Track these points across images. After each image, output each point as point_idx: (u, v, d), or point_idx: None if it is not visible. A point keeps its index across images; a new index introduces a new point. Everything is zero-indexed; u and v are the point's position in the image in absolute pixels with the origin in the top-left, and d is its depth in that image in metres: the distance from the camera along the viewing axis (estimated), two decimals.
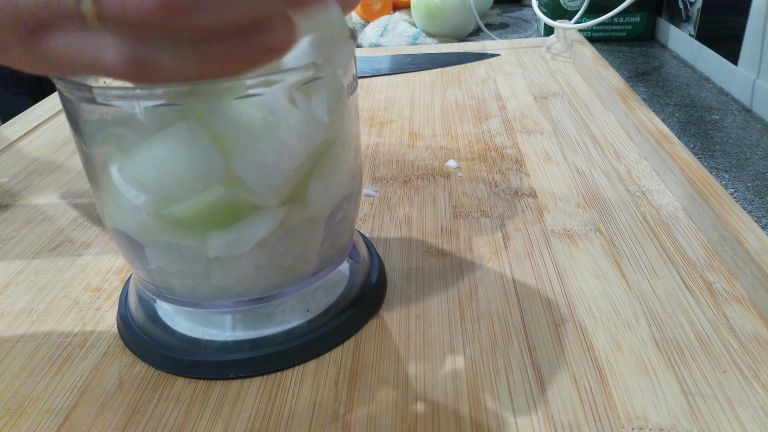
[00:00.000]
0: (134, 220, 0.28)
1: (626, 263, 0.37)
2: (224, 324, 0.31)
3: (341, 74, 0.28)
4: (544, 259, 0.37)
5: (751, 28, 0.60)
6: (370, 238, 0.41)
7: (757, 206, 0.44)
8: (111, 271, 0.39)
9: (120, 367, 0.31)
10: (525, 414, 0.27)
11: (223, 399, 0.29)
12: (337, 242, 0.32)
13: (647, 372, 0.29)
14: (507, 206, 0.43)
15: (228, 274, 0.29)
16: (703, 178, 0.40)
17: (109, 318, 0.35)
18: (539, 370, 0.29)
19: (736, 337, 0.31)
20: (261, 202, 0.27)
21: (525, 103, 0.61)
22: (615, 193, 0.44)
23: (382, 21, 0.93)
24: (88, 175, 0.29)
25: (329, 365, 0.31)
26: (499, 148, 0.52)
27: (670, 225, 0.40)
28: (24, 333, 0.34)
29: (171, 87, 0.24)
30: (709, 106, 0.62)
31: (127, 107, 0.25)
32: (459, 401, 0.28)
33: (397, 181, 0.48)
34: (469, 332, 0.32)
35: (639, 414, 0.27)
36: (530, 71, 0.71)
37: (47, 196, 0.49)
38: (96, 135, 0.27)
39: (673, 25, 0.79)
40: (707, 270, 0.36)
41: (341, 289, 0.33)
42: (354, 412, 0.28)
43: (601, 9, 0.81)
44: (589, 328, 0.32)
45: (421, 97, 0.65)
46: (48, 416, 0.29)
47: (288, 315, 0.31)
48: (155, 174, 0.26)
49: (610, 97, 0.58)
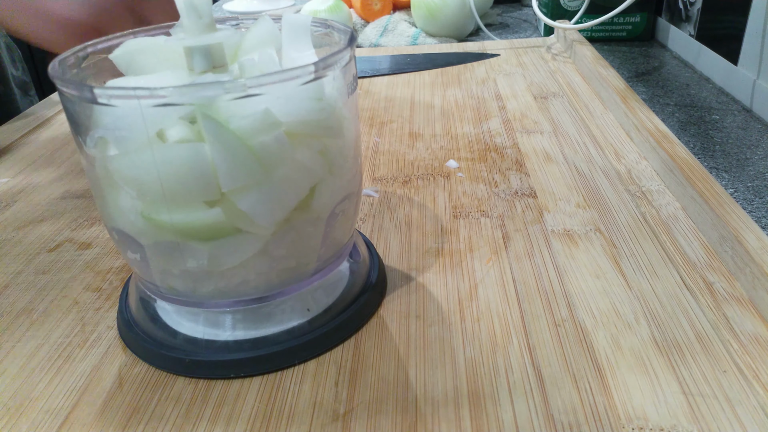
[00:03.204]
0: (134, 221, 0.28)
1: (626, 263, 0.37)
2: (224, 324, 0.31)
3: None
4: (544, 259, 0.37)
5: (751, 28, 0.60)
6: (370, 238, 0.41)
7: (757, 206, 0.44)
8: (111, 271, 0.39)
9: (120, 367, 0.31)
10: (525, 414, 0.27)
11: (223, 399, 0.29)
12: (337, 242, 0.32)
13: (647, 372, 0.29)
14: (507, 206, 0.43)
15: (228, 275, 0.29)
16: (703, 178, 0.40)
17: (109, 318, 0.35)
18: (539, 370, 0.29)
19: (736, 337, 0.31)
20: (261, 231, 0.28)
21: (525, 103, 0.61)
22: (615, 193, 0.44)
23: (382, 21, 0.93)
24: (88, 175, 0.29)
25: (329, 365, 0.31)
26: (499, 148, 0.52)
27: (670, 225, 0.40)
28: (24, 333, 0.34)
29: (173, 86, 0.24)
30: (709, 106, 0.62)
31: (127, 107, 0.25)
32: (459, 401, 0.28)
33: (397, 181, 0.48)
34: (469, 332, 0.32)
35: (639, 414, 0.27)
36: (530, 71, 0.71)
37: (47, 196, 0.49)
38: (96, 135, 0.27)
39: (673, 25, 0.79)
40: (707, 270, 0.36)
41: (341, 289, 0.33)
42: (354, 412, 0.28)
43: (601, 9, 0.81)
44: (589, 328, 0.32)
45: (421, 97, 0.65)
46: (48, 416, 0.29)
47: (288, 315, 0.31)
48: (156, 177, 0.26)
49: (610, 97, 0.58)
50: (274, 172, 0.26)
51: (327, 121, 0.28)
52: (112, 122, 0.26)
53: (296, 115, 0.27)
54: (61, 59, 0.29)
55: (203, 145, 0.25)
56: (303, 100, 0.27)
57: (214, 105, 0.25)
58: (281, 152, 0.26)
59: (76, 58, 0.30)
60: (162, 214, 0.27)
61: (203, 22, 0.29)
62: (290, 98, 0.26)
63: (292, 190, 0.27)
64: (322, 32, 0.33)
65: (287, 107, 0.26)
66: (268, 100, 0.26)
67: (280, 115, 0.26)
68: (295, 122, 0.27)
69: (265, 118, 0.26)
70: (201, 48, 0.29)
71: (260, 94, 0.25)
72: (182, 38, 0.30)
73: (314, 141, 0.28)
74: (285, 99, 0.26)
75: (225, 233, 0.27)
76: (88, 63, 0.31)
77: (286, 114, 0.26)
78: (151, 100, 0.24)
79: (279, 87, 0.26)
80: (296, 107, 0.27)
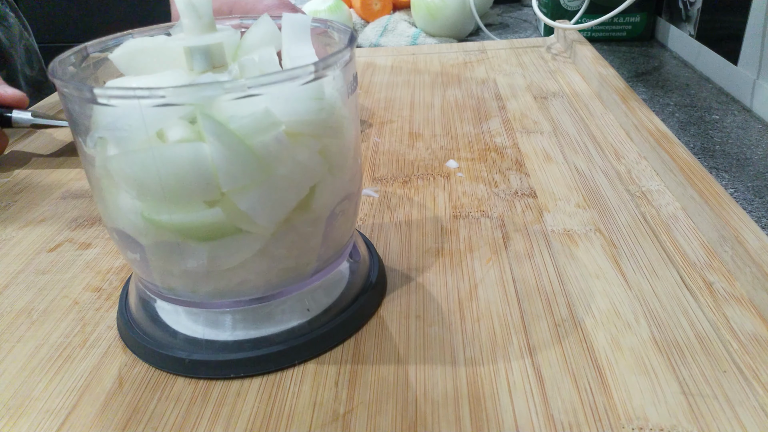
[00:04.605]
0: (134, 221, 0.28)
1: (626, 263, 0.37)
2: (224, 324, 0.31)
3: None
4: (544, 259, 0.37)
5: (751, 28, 0.60)
6: (370, 238, 0.41)
7: (757, 206, 0.44)
8: (111, 271, 0.39)
9: (120, 367, 0.31)
10: (525, 414, 0.27)
11: (223, 399, 0.29)
12: (337, 242, 0.32)
13: (647, 372, 0.29)
14: (507, 206, 0.43)
15: (228, 275, 0.29)
16: (703, 178, 0.40)
17: (109, 318, 0.35)
18: (539, 370, 0.29)
19: (736, 337, 0.31)
20: (261, 230, 0.28)
21: (525, 103, 0.61)
22: (615, 193, 0.44)
23: (382, 21, 0.93)
24: (88, 175, 0.29)
25: (329, 365, 0.31)
26: (499, 148, 0.52)
27: (670, 225, 0.40)
28: (24, 333, 0.34)
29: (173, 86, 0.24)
30: (709, 106, 0.62)
31: (127, 107, 0.25)
32: (459, 401, 0.28)
33: (397, 181, 0.48)
34: (469, 332, 0.32)
35: (639, 414, 0.27)
36: (530, 71, 0.71)
37: (47, 196, 0.49)
38: (96, 135, 0.27)
39: (673, 25, 0.79)
40: (707, 270, 0.36)
41: (341, 289, 0.33)
42: (354, 412, 0.28)
43: (601, 9, 0.81)
44: (589, 328, 0.32)
45: (421, 97, 0.65)
46: (48, 416, 0.29)
47: (288, 315, 0.31)
48: (156, 177, 0.26)
49: (610, 97, 0.58)
50: (274, 172, 0.26)
51: (327, 121, 0.28)
52: (112, 122, 0.26)
53: (296, 115, 0.27)
54: (61, 59, 0.29)
55: (203, 145, 0.25)
56: (303, 100, 0.27)
57: (214, 105, 0.25)
58: (281, 152, 0.26)
59: (76, 58, 0.30)
60: (162, 214, 0.27)
61: (203, 22, 0.29)
62: (290, 98, 0.26)
63: (292, 190, 0.27)
64: (322, 32, 0.33)
65: (287, 107, 0.26)
66: (268, 100, 0.26)
67: (280, 115, 0.26)
68: (295, 122, 0.27)
69: (265, 118, 0.26)
70: (201, 48, 0.29)
71: (260, 94, 0.25)
72: (182, 38, 0.30)
73: (314, 141, 0.28)
74: (285, 99, 0.26)
75: (225, 233, 0.27)
76: (88, 63, 0.31)
77: (286, 114, 0.26)
78: (151, 100, 0.24)
79: (279, 87, 0.26)
80: (296, 107, 0.27)
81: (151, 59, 0.30)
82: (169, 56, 0.30)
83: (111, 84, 0.29)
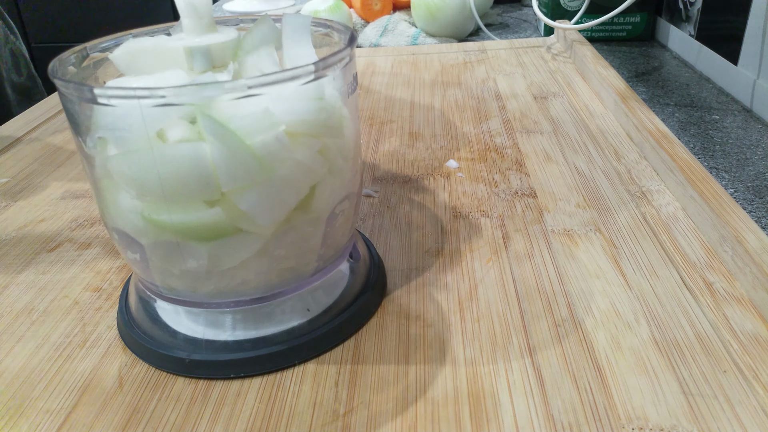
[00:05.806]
0: (134, 221, 0.28)
1: (626, 263, 0.37)
2: (224, 324, 0.31)
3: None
4: (544, 259, 0.37)
5: (751, 28, 0.60)
6: (370, 238, 0.41)
7: (757, 206, 0.44)
8: (111, 271, 0.39)
9: (120, 367, 0.31)
10: (525, 414, 0.27)
11: (223, 399, 0.29)
12: (337, 242, 0.32)
13: (647, 372, 0.29)
14: (507, 206, 0.43)
15: (228, 275, 0.29)
16: (703, 178, 0.40)
17: (109, 318, 0.35)
18: (539, 370, 0.29)
19: (736, 337, 0.31)
20: (261, 230, 0.28)
21: (525, 103, 0.61)
22: (615, 193, 0.44)
23: (382, 21, 0.93)
24: (88, 175, 0.29)
25: (329, 365, 0.31)
26: (499, 148, 0.52)
27: (670, 225, 0.40)
28: (24, 333, 0.34)
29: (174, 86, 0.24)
30: (709, 106, 0.62)
31: (127, 107, 0.25)
32: (459, 401, 0.28)
33: (397, 181, 0.48)
34: (469, 332, 0.32)
35: (639, 414, 0.27)
36: (530, 71, 0.71)
37: (47, 196, 0.49)
38: (96, 135, 0.27)
39: (673, 25, 0.79)
40: (707, 270, 0.36)
41: (341, 289, 0.33)
42: (354, 412, 0.28)
43: (601, 9, 0.81)
44: (589, 328, 0.32)
45: (421, 97, 0.65)
46: (48, 416, 0.29)
47: (288, 315, 0.31)
48: (156, 177, 0.26)
49: (610, 97, 0.58)
50: (274, 172, 0.26)
51: (327, 121, 0.28)
52: (112, 122, 0.26)
53: (296, 114, 0.27)
54: (61, 59, 0.29)
55: (203, 145, 0.25)
56: (303, 100, 0.27)
57: (214, 105, 0.25)
58: (281, 152, 0.26)
59: (76, 58, 0.30)
60: (162, 214, 0.27)
61: (203, 22, 0.29)
62: (290, 98, 0.26)
63: (292, 190, 0.28)
64: (322, 32, 0.33)
65: (287, 107, 0.26)
66: (268, 100, 0.26)
67: (281, 115, 0.26)
68: (295, 122, 0.27)
69: (265, 118, 0.26)
70: (201, 48, 0.29)
71: (260, 94, 0.25)
72: (182, 38, 0.30)
73: (314, 141, 0.28)
74: (285, 99, 0.26)
75: (225, 233, 0.27)
76: (88, 63, 0.31)
77: (286, 114, 0.26)
78: (151, 100, 0.24)
79: (279, 87, 0.26)
80: (296, 107, 0.27)
81: (151, 59, 0.30)
82: (169, 56, 0.30)
83: (111, 84, 0.29)
